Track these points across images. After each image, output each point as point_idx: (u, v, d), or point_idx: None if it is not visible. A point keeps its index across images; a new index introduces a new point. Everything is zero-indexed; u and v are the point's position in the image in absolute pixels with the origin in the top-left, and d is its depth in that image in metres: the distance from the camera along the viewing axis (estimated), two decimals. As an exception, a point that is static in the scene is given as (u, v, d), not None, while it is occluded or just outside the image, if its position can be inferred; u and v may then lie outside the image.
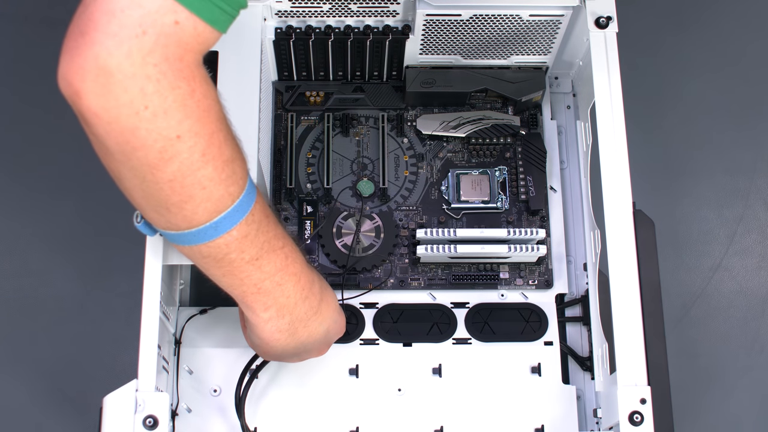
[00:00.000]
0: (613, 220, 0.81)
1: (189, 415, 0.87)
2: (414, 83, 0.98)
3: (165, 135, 0.61)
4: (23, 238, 1.17)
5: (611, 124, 0.84)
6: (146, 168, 0.63)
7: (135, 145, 0.61)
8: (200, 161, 0.64)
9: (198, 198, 0.65)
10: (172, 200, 0.65)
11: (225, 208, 0.67)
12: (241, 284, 0.73)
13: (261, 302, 0.74)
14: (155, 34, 0.59)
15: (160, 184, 0.64)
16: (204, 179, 0.65)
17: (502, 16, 0.90)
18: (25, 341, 1.12)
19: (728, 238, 1.19)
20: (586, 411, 0.90)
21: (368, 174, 0.98)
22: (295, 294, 0.75)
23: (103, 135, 0.61)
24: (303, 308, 0.77)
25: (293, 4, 0.91)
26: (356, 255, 0.94)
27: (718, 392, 1.12)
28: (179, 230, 0.67)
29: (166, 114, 0.61)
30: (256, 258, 0.71)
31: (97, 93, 0.59)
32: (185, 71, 0.61)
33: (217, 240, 0.68)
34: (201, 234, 0.67)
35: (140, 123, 0.60)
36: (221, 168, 0.65)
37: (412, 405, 0.89)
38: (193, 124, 0.62)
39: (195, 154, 0.63)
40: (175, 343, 0.89)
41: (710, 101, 1.25)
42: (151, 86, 0.60)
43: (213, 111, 0.65)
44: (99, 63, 0.58)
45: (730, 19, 1.29)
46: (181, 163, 0.63)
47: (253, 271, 0.72)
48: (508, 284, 0.94)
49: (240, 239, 0.69)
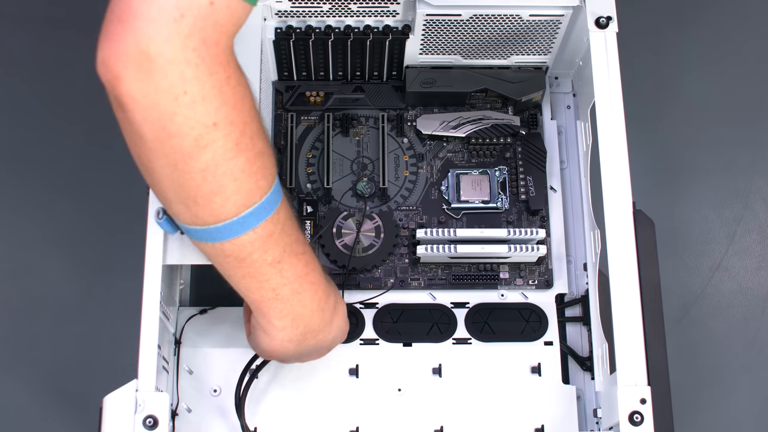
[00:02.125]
0: (613, 220, 0.81)
1: (189, 415, 0.87)
2: (414, 83, 0.98)
3: (202, 122, 0.61)
4: (23, 238, 1.17)
5: (611, 124, 0.84)
6: (180, 156, 0.62)
7: (171, 131, 0.61)
8: (234, 151, 0.63)
9: (228, 190, 0.64)
10: (203, 191, 0.64)
11: (253, 203, 0.66)
12: (260, 288, 0.72)
13: (278, 310, 0.74)
14: (193, 16, 0.59)
15: (192, 173, 0.63)
16: (236, 170, 0.64)
17: (502, 16, 0.90)
18: (25, 341, 1.12)
19: (728, 238, 1.19)
20: (586, 411, 0.90)
21: (368, 174, 0.98)
22: (311, 304, 0.75)
23: (139, 121, 0.61)
24: (317, 320, 0.76)
25: (293, 4, 0.91)
26: (356, 255, 0.94)
27: (718, 392, 1.12)
28: (205, 225, 0.67)
29: (204, 100, 0.61)
30: (278, 261, 0.71)
31: (137, 78, 0.59)
32: (221, 56, 0.61)
33: (241, 237, 0.67)
34: (227, 229, 0.67)
35: (178, 109, 0.60)
36: (253, 160, 0.65)
37: (412, 405, 0.89)
38: (229, 112, 0.62)
39: (229, 143, 0.63)
40: (175, 343, 0.89)
41: (710, 101, 1.25)
42: (190, 71, 0.59)
43: (247, 100, 0.65)
44: (140, 48, 0.58)
45: (730, 18, 1.29)
46: (215, 152, 0.62)
47: (273, 275, 0.71)
48: (508, 284, 0.94)
49: (265, 238, 0.68)
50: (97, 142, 1.21)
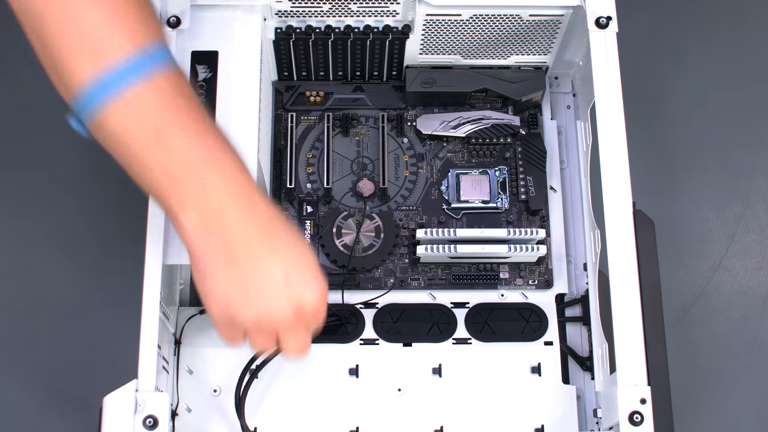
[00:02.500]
0: (613, 220, 0.81)
1: (189, 415, 0.87)
2: (414, 83, 0.98)
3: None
4: (23, 238, 1.17)
5: (611, 124, 0.84)
6: (34, 14, 0.60)
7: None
8: (84, 2, 0.61)
9: (83, 46, 0.61)
10: (62, 53, 0.61)
11: (112, 61, 0.61)
12: (151, 172, 0.64)
13: (178, 199, 0.64)
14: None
15: (48, 31, 0.61)
16: (88, 23, 0.61)
17: (502, 16, 0.90)
18: (25, 341, 1.12)
19: (728, 238, 1.18)
20: (586, 411, 0.90)
21: (368, 174, 0.98)
22: (220, 194, 0.64)
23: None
24: (238, 222, 0.64)
25: (293, 4, 0.91)
26: (356, 255, 0.94)
27: (718, 392, 1.12)
28: (74, 94, 0.62)
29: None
30: (161, 133, 0.63)
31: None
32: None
33: (110, 104, 0.62)
34: (91, 95, 0.61)
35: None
36: (109, 14, 0.61)
37: (412, 405, 0.89)
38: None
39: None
40: (175, 343, 0.89)
41: (710, 101, 1.24)
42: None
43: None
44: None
45: (730, 18, 1.29)
46: (62, 4, 0.60)
47: (161, 153, 0.63)
48: (508, 284, 0.94)
49: (136, 104, 0.62)
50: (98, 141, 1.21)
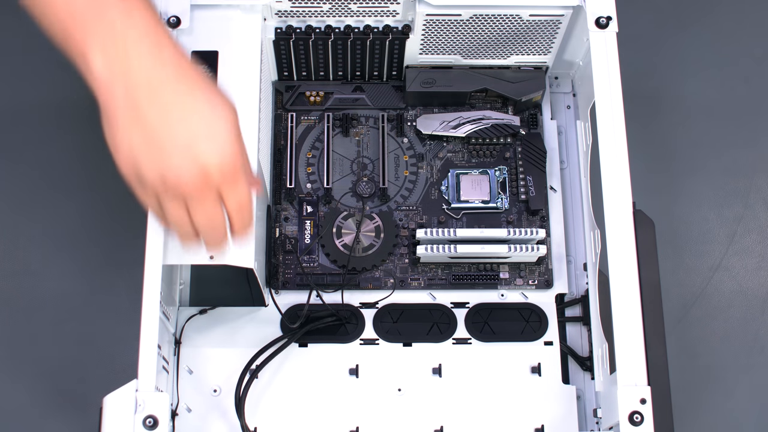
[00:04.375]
0: (613, 220, 0.81)
1: (189, 415, 0.87)
2: (414, 83, 0.98)
3: None
4: (23, 238, 1.16)
5: (611, 124, 0.84)
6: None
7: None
8: None
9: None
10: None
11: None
12: (55, 13, 0.60)
13: (81, 38, 0.60)
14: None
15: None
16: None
17: (502, 16, 0.90)
18: (25, 341, 1.12)
19: (728, 238, 1.18)
20: (586, 411, 0.90)
21: (368, 174, 0.98)
22: (125, 34, 0.60)
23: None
24: (142, 64, 0.60)
25: (293, 4, 0.91)
26: (356, 255, 0.94)
27: (718, 392, 1.12)
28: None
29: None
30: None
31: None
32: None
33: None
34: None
35: None
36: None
37: (412, 405, 0.89)
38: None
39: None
40: (175, 343, 0.89)
41: (710, 101, 1.24)
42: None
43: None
44: None
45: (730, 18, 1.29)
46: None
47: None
48: (508, 284, 0.94)
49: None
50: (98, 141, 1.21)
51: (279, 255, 0.94)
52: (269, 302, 0.93)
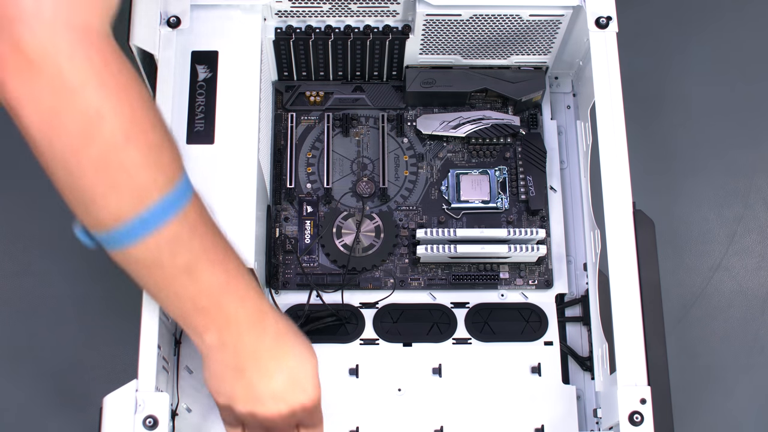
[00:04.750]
0: (613, 220, 0.81)
1: (189, 415, 0.87)
2: (414, 83, 0.98)
3: (84, 113, 0.59)
4: (23, 238, 1.17)
5: (611, 124, 0.84)
6: (69, 153, 0.60)
7: (56, 126, 0.59)
8: (123, 142, 0.61)
9: (122, 186, 0.62)
10: (97, 190, 0.62)
11: (151, 200, 0.63)
12: (177, 299, 0.69)
13: (201, 324, 0.70)
14: (52, 3, 0.57)
15: (83, 170, 0.61)
16: (127, 163, 0.62)
17: (502, 16, 0.90)
18: (25, 341, 1.12)
19: (728, 238, 1.19)
20: (586, 411, 0.90)
21: (368, 174, 0.98)
22: (238, 319, 0.70)
23: (28, 123, 0.59)
24: (250, 339, 0.71)
25: (293, 4, 0.91)
26: (356, 255, 0.94)
27: (718, 392, 1.12)
28: (107, 229, 0.64)
29: (84, 89, 0.59)
30: (192, 267, 0.67)
31: (18, 78, 0.58)
32: (96, 41, 0.59)
33: (146, 239, 0.64)
34: (128, 231, 0.64)
35: (59, 102, 0.59)
36: (146, 152, 0.62)
37: (412, 405, 0.89)
38: (112, 101, 0.60)
39: (117, 133, 0.61)
40: (175, 343, 0.89)
41: (710, 101, 1.25)
42: (64, 61, 0.58)
43: (133, 89, 0.62)
44: (14, 49, 0.57)
45: (731, 19, 1.29)
46: (102, 144, 0.60)
47: (188, 283, 0.68)
48: (508, 284, 0.94)
49: (171, 240, 0.65)
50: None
51: (279, 255, 0.94)
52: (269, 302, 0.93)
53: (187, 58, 0.86)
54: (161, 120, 0.65)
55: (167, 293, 0.69)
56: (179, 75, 0.86)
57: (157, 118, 0.65)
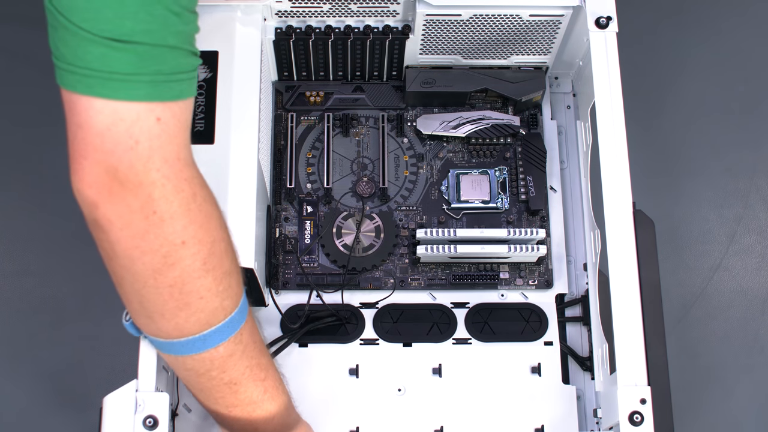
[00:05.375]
0: (613, 220, 0.81)
1: (189, 415, 0.87)
2: (414, 83, 0.98)
3: (170, 240, 0.63)
4: (23, 238, 1.17)
5: (611, 124, 0.84)
6: (150, 273, 0.63)
7: (143, 249, 0.62)
8: (201, 269, 0.65)
9: (194, 307, 0.66)
10: (168, 306, 0.65)
11: (217, 322, 0.67)
12: (215, 403, 0.73)
13: (228, 425, 0.75)
14: (147, 139, 0.61)
15: (160, 289, 0.64)
16: (202, 288, 0.65)
17: (502, 16, 0.90)
18: (25, 341, 1.12)
19: (728, 238, 1.19)
20: (586, 411, 0.90)
21: (368, 174, 0.98)
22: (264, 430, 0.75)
23: (115, 240, 0.62)
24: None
25: (293, 4, 0.91)
26: (356, 255, 0.94)
27: (718, 392, 1.12)
28: (169, 338, 0.68)
29: (172, 219, 0.62)
30: (236, 382, 0.71)
31: (111, 202, 0.61)
32: (185, 172, 0.63)
33: (203, 354, 0.68)
34: (189, 345, 0.68)
35: (149, 227, 0.62)
36: (220, 279, 0.66)
37: (412, 405, 0.89)
38: (196, 230, 0.64)
39: (197, 261, 0.64)
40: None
41: (710, 101, 1.25)
42: (157, 191, 0.61)
43: (215, 217, 0.66)
44: (109, 177, 0.60)
45: (730, 18, 1.29)
46: (183, 270, 0.64)
47: (228, 394, 0.72)
48: (508, 284, 0.94)
49: (225, 357, 0.69)
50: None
51: (279, 255, 0.94)
52: (269, 302, 0.93)
53: (187, 58, 0.86)
54: (233, 245, 0.69)
55: (207, 395, 0.73)
56: (179, 75, 0.85)
57: (231, 245, 0.68)
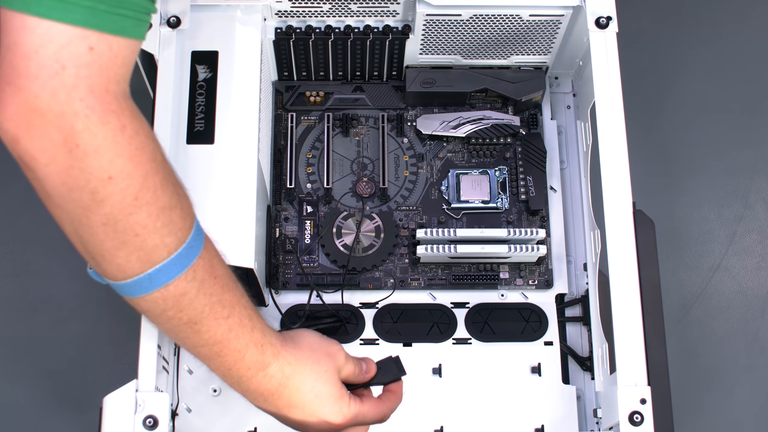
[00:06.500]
0: (613, 220, 0.81)
1: (189, 415, 0.87)
2: (414, 83, 0.98)
3: (97, 175, 0.60)
4: (23, 238, 1.17)
5: (611, 124, 0.84)
6: (80, 211, 0.61)
7: (70, 185, 0.60)
8: (133, 205, 0.62)
9: (130, 245, 0.63)
10: (105, 246, 0.63)
11: (160, 260, 0.64)
12: (182, 343, 0.71)
13: (204, 363, 0.72)
14: (74, 66, 0.58)
15: (93, 227, 0.62)
16: (137, 225, 0.62)
17: (502, 16, 0.90)
18: (25, 341, 1.12)
19: (728, 238, 1.19)
20: (586, 411, 0.90)
21: (368, 174, 0.98)
22: (237, 370, 0.72)
23: (41, 178, 0.60)
24: (251, 387, 0.73)
25: (293, 4, 0.91)
26: (356, 255, 0.94)
27: (718, 392, 1.12)
28: (116, 280, 0.65)
29: (97, 153, 0.59)
30: (195, 322, 0.68)
31: (32, 135, 0.58)
32: (113, 104, 0.60)
33: (153, 294, 0.66)
34: (137, 286, 0.65)
35: (73, 162, 0.59)
36: (156, 215, 0.63)
37: (412, 405, 0.89)
38: (125, 164, 0.61)
39: (127, 197, 0.61)
40: (175, 343, 0.89)
41: (710, 101, 1.25)
42: (80, 123, 0.58)
43: (147, 150, 0.62)
44: (29, 106, 0.57)
45: (730, 18, 1.29)
46: (112, 206, 0.61)
47: (191, 335, 0.69)
48: (508, 284, 0.94)
49: (177, 297, 0.66)
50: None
51: (279, 255, 0.94)
52: (269, 302, 0.93)
53: (187, 58, 0.86)
54: (174, 178, 0.66)
55: (172, 335, 0.71)
56: (179, 75, 0.86)
57: (170, 177, 0.65)
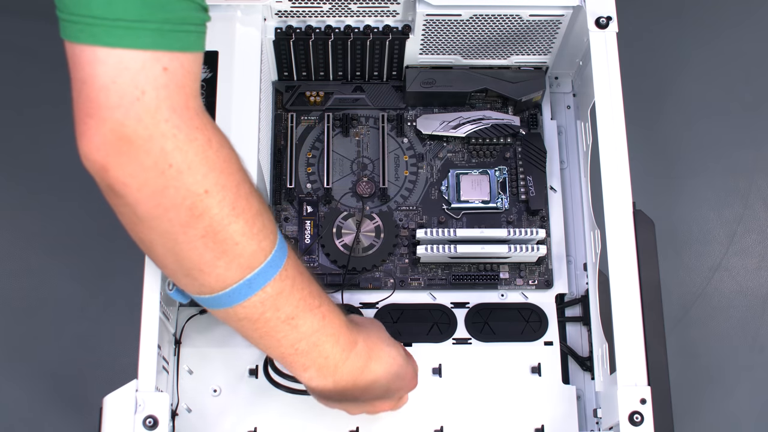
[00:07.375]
0: (613, 220, 0.81)
1: (189, 415, 0.87)
2: (414, 83, 0.98)
3: (193, 191, 0.62)
4: (23, 238, 1.17)
5: (611, 124, 0.84)
6: (178, 228, 0.62)
7: (166, 205, 0.61)
8: (231, 215, 0.64)
9: (230, 254, 0.65)
10: (205, 259, 0.65)
11: (258, 264, 0.67)
12: (279, 345, 0.72)
13: (300, 363, 0.74)
14: (153, 89, 0.59)
15: (192, 242, 0.63)
16: (236, 234, 0.65)
17: (502, 16, 0.90)
18: (25, 341, 1.12)
19: (728, 238, 1.19)
20: (586, 411, 0.90)
21: (368, 174, 0.98)
22: (334, 355, 0.74)
23: (133, 203, 0.61)
24: (346, 369, 0.76)
25: (293, 4, 0.91)
26: (356, 255, 0.94)
27: (718, 392, 1.12)
28: (213, 293, 0.67)
29: (191, 169, 0.61)
30: (292, 317, 0.71)
31: (122, 163, 0.60)
32: (195, 120, 0.62)
33: (252, 299, 0.68)
34: (236, 293, 0.67)
35: (168, 182, 0.61)
36: (252, 221, 0.65)
37: (412, 405, 0.89)
38: (218, 177, 0.63)
39: (225, 208, 0.63)
40: (175, 343, 0.89)
41: (710, 101, 1.25)
42: (169, 143, 0.60)
43: (234, 161, 0.65)
44: (116, 135, 0.59)
45: (730, 18, 1.29)
46: (211, 219, 0.63)
47: (289, 331, 0.71)
48: (508, 284, 0.94)
49: (275, 296, 0.69)
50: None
51: (279, 255, 0.94)
52: (269, 302, 0.93)
53: (187, 58, 0.86)
54: (254, 185, 0.68)
55: (269, 341, 0.72)
56: (179, 75, 0.86)
57: (253, 185, 0.68)
